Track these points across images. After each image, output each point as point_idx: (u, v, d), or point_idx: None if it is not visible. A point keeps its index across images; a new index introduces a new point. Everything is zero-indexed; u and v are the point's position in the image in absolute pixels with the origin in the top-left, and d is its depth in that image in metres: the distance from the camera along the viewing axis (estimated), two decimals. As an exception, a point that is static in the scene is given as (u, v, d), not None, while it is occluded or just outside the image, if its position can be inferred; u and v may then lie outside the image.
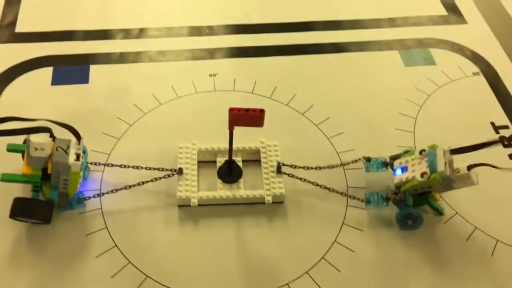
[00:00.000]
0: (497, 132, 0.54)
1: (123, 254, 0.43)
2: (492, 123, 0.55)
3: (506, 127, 0.54)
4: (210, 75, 0.57)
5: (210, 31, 0.62)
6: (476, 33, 0.64)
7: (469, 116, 0.55)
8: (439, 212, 0.46)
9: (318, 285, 0.42)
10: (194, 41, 0.61)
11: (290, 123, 0.53)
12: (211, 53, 0.60)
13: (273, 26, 0.63)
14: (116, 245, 0.43)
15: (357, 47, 0.61)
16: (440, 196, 0.47)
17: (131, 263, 0.43)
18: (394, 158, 0.47)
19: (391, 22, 0.65)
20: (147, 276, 0.42)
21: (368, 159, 0.48)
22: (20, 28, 0.61)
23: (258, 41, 0.61)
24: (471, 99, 0.57)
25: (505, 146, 0.52)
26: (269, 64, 0.59)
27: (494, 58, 0.61)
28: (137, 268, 0.42)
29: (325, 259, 0.44)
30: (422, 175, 0.42)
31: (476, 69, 0.60)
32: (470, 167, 0.42)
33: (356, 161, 0.49)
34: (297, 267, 0.43)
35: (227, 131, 0.43)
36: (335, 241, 0.45)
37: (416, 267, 0.44)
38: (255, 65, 0.59)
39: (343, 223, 0.46)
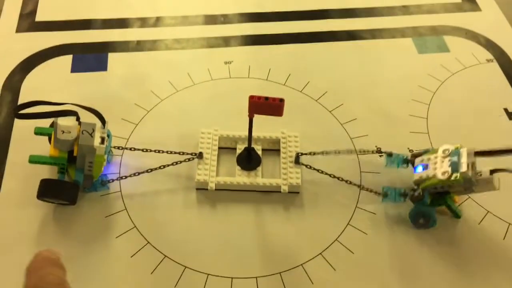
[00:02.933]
0: (511, 119, 0.54)
1: (142, 235, 0.44)
2: (506, 109, 0.55)
3: (520, 113, 0.54)
4: (225, 63, 0.58)
5: (224, 19, 0.63)
6: (490, 20, 0.64)
7: (482, 102, 0.55)
8: (457, 215, 0.45)
9: (331, 265, 0.43)
10: (209, 29, 0.62)
11: (304, 109, 0.54)
12: (226, 41, 0.61)
13: (287, 14, 0.64)
14: (135, 226, 0.45)
15: (370, 34, 0.62)
16: (459, 199, 0.46)
17: (150, 243, 0.44)
18: (416, 155, 0.46)
19: (405, 10, 0.65)
20: (165, 256, 0.43)
21: (389, 154, 0.47)
22: (40, 17, 0.62)
23: (272, 29, 0.62)
24: (484, 85, 0.57)
25: None
26: (283, 52, 0.60)
27: (508, 45, 0.61)
28: (155, 248, 0.43)
29: (338, 241, 0.45)
30: (443, 173, 0.42)
31: (489, 56, 0.60)
32: (492, 172, 0.41)
33: (373, 152, 0.48)
34: (311, 249, 0.44)
35: (243, 117, 0.43)
36: (348, 223, 0.46)
37: (428, 250, 0.44)
38: (269, 52, 0.59)
39: (356, 206, 0.47)
